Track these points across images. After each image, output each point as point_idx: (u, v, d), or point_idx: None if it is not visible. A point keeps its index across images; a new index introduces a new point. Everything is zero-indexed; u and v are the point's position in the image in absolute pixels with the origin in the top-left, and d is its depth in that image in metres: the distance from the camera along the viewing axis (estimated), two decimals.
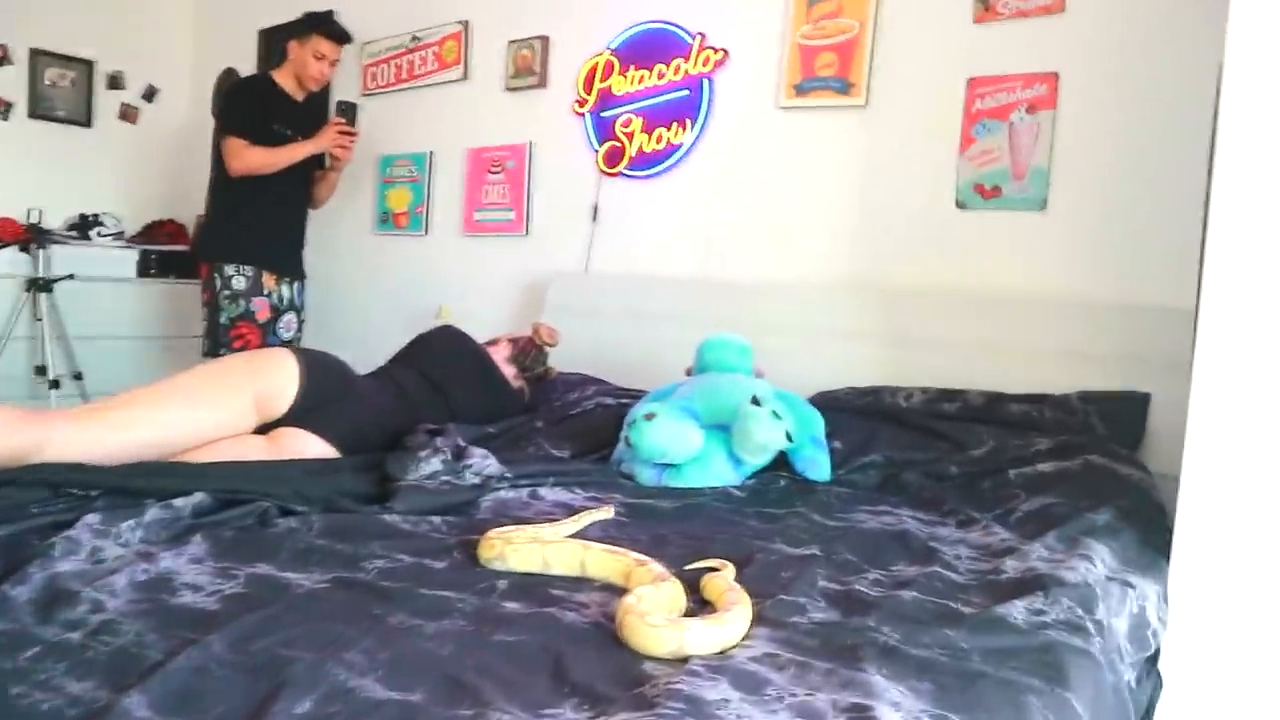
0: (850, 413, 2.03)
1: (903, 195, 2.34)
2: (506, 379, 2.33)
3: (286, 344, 3.26)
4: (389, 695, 0.87)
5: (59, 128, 4.37)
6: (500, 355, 2.43)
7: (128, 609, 1.06)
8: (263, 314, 3.15)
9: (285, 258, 3.28)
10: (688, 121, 2.74)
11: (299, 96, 3.27)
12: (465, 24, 3.37)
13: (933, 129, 2.26)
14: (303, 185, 3.32)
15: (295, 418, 1.81)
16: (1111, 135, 2.04)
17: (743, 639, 1.00)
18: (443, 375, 2.16)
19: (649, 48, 2.83)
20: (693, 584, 1.17)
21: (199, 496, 1.41)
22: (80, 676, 0.90)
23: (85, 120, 4.45)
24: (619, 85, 2.89)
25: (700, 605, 1.13)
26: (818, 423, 1.90)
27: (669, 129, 2.78)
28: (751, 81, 2.61)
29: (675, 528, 1.46)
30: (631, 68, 2.86)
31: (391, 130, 3.69)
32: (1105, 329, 1.98)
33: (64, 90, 4.38)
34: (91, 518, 1.29)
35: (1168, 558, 1.35)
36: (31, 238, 3.92)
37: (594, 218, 3.00)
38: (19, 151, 4.24)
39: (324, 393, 1.86)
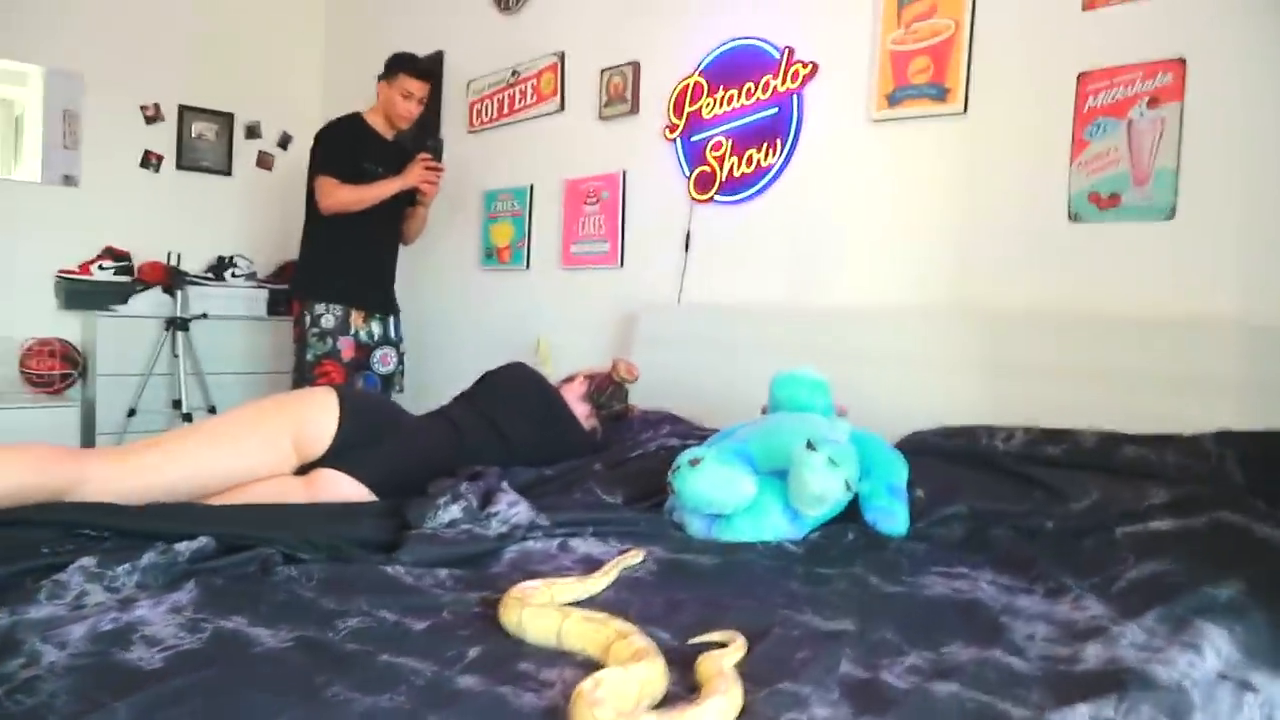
0: (938, 456, 1.79)
1: (1008, 208, 2.08)
2: (574, 418, 2.21)
3: (386, 379, 3.31)
4: None
5: (203, 177, 4.65)
6: (574, 393, 2.31)
7: (65, 664, 0.99)
8: (348, 352, 3.17)
9: (374, 295, 3.31)
10: (778, 142, 2.56)
11: (389, 135, 3.31)
12: (561, 55, 3.33)
13: (1040, 133, 2.00)
14: (393, 222, 3.34)
15: (334, 458, 1.75)
16: (1250, 129, 1.73)
17: None
18: (503, 414, 2.06)
19: (737, 67, 2.68)
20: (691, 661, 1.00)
21: (202, 540, 1.36)
22: None
23: (226, 169, 4.72)
24: (708, 108, 2.75)
25: (691, 690, 0.96)
26: (898, 469, 1.67)
27: (759, 150, 2.61)
28: (842, 94, 2.41)
29: (701, 590, 1.28)
30: (721, 88, 2.72)
31: (495, 165, 3.69)
32: (1250, 355, 1.66)
33: (208, 142, 4.65)
34: (87, 560, 1.25)
35: None
36: (171, 279, 4.15)
37: (686, 246, 2.86)
38: (167, 201, 4.54)
39: (365, 433, 1.79)
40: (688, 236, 2.84)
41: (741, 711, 0.88)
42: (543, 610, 1.12)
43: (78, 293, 4.21)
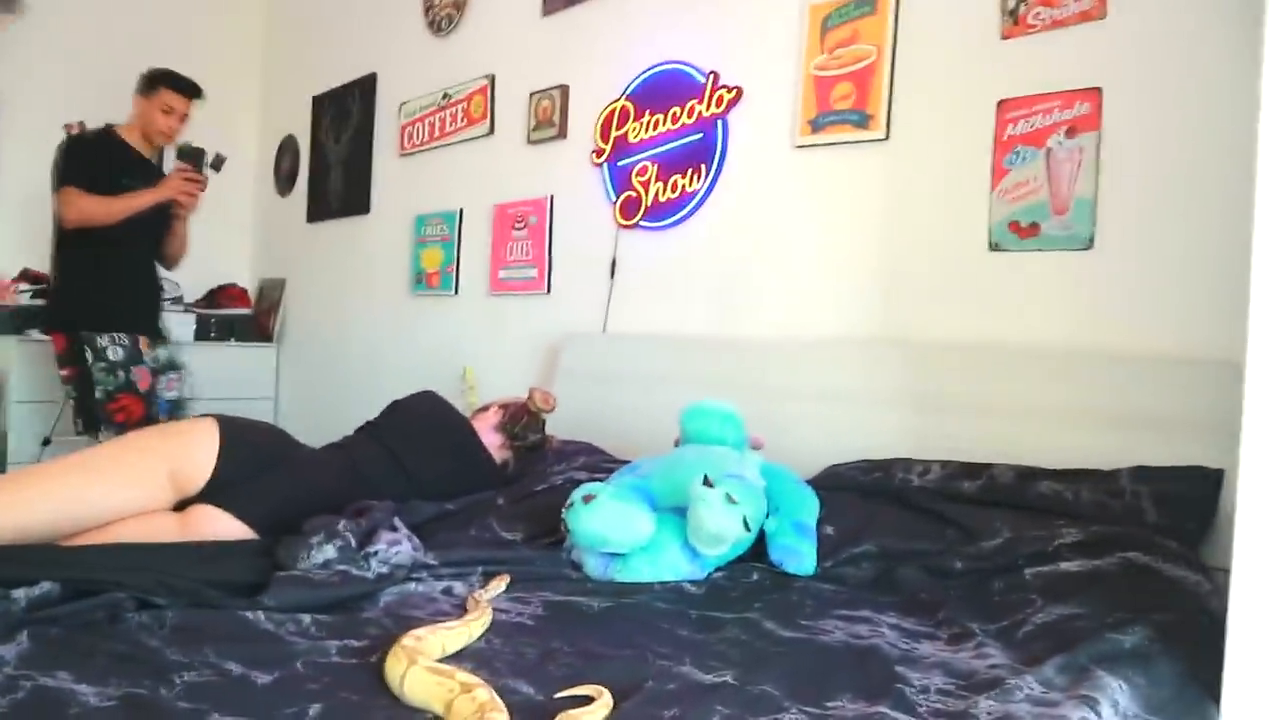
0: (853, 492, 1.73)
1: (928, 236, 2.03)
2: (483, 450, 2.11)
3: (174, 404, 3.13)
4: None
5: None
6: (487, 423, 2.22)
7: None
8: (144, 382, 2.97)
9: (153, 318, 3.14)
10: (702, 167, 2.51)
11: (146, 153, 3.14)
12: (491, 78, 3.27)
13: (961, 160, 1.96)
14: (152, 242, 3.12)
15: (213, 494, 1.64)
16: (1165, 159, 1.70)
17: None
18: (406, 446, 1.96)
19: (663, 91, 2.63)
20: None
21: (45, 586, 1.24)
22: None
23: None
24: (634, 132, 2.70)
25: None
26: (808, 506, 1.61)
27: (684, 175, 2.56)
28: (766, 120, 2.37)
29: (581, 638, 1.19)
30: (647, 113, 2.66)
31: (425, 189, 3.60)
32: (1168, 389, 1.62)
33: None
34: None
35: (1218, 699, 1.00)
36: None
37: (612, 274, 2.79)
38: None
39: (248, 466, 1.68)
40: (613, 263, 2.78)
41: None
42: (397, 660, 1.02)
43: None
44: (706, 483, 1.40)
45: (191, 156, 3.05)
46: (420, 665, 0.98)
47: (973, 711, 0.96)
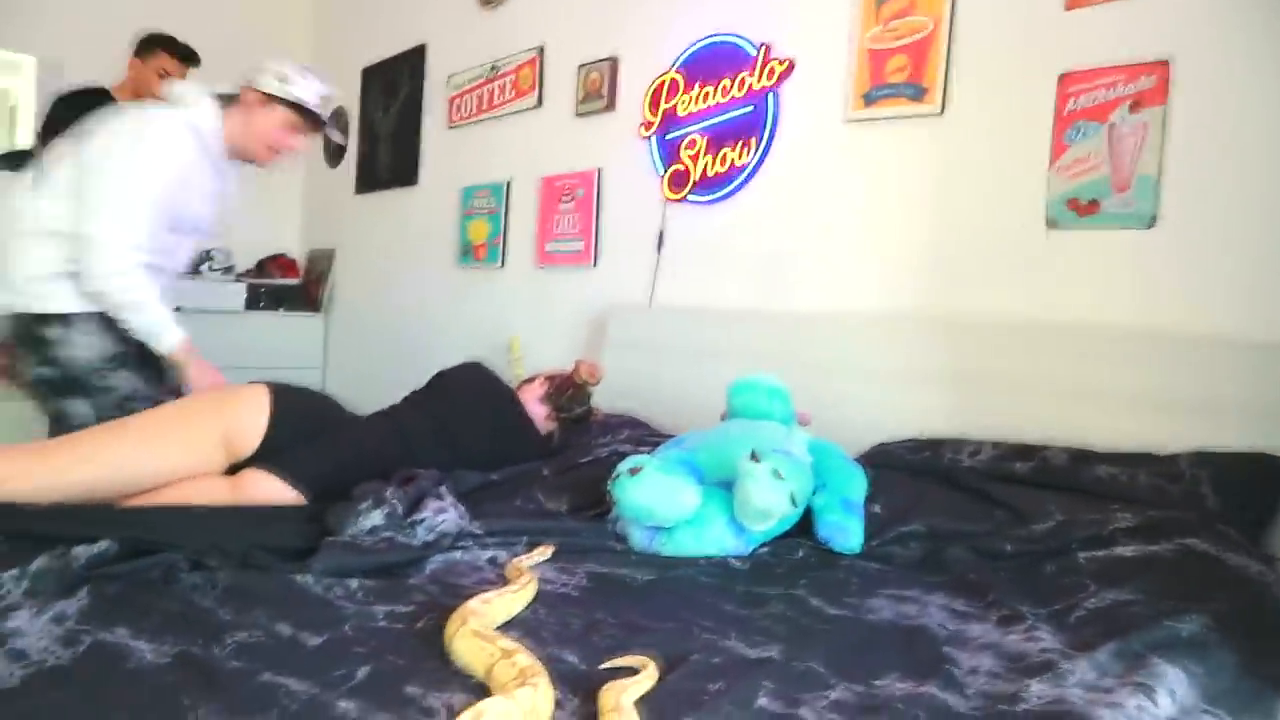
0: (902, 471, 1.70)
1: (983, 213, 1.99)
2: (529, 422, 2.12)
3: None
4: None
5: None
6: (533, 395, 2.22)
7: None
8: None
9: None
10: (752, 141, 2.47)
11: None
12: (540, 49, 3.25)
13: (1018, 135, 1.91)
14: None
15: (263, 458, 1.67)
16: (1236, 134, 1.64)
17: None
18: (453, 416, 1.97)
19: (714, 63, 2.59)
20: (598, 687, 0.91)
21: (104, 544, 1.27)
22: None
23: None
24: (684, 105, 2.66)
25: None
26: (856, 483, 1.59)
27: (734, 149, 2.52)
28: (818, 93, 2.32)
29: (625, 609, 1.20)
30: (697, 85, 2.63)
31: (473, 161, 3.60)
32: (1232, 372, 1.57)
33: None
34: None
35: None
36: None
37: (659, 247, 2.77)
38: None
39: (297, 431, 1.70)
40: (660, 236, 2.76)
41: None
42: (452, 622, 1.04)
43: None
44: (754, 457, 1.39)
45: None
46: (468, 628, 0.99)
47: (1023, 694, 0.94)
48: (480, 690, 0.91)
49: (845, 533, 1.48)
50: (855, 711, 0.90)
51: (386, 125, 4.18)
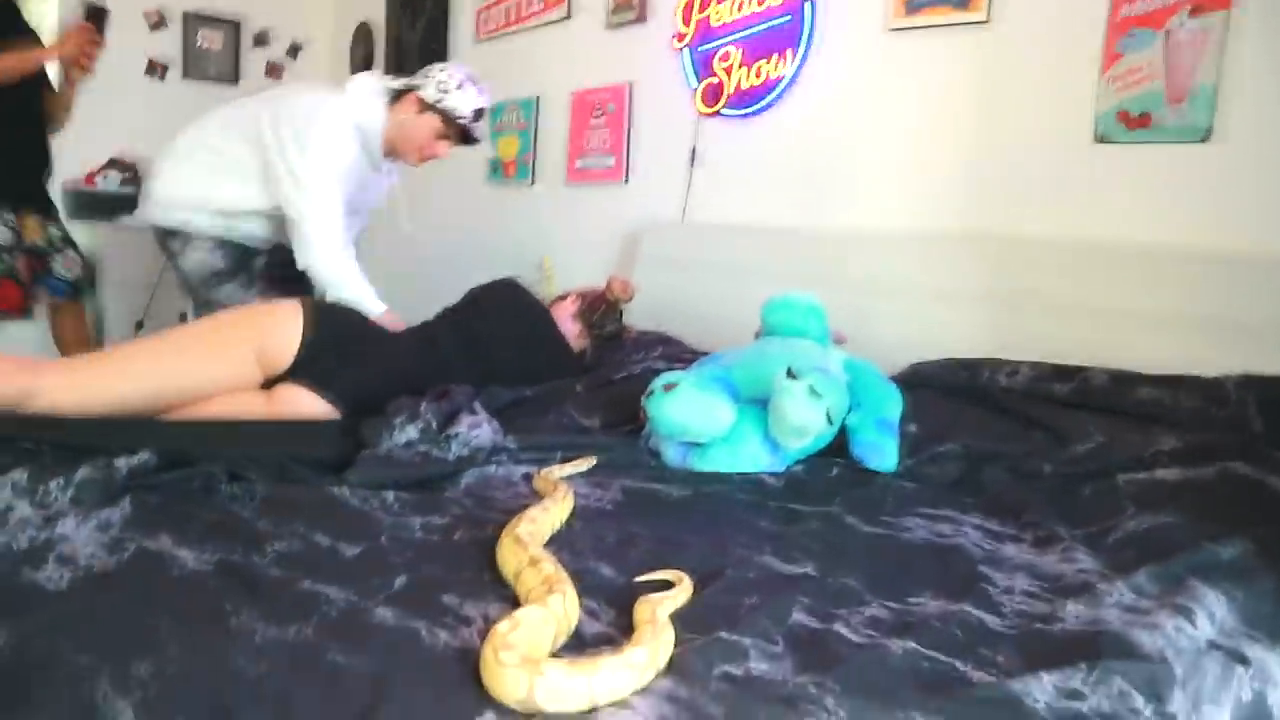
0: (938, 391, 1.68)
1: (1028, 128, 1.92)
2: (562, 339, 2.11)
3: (73, 286, 2.93)
4: None
5: (210, 86, 4.52)
6: (565, 312, 2.21)
7: None
8: (26, 269, 2.77)
9: (43, 191, 2.84)
10: (789, 52, 2.39)
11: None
12: None
13: (1068, 44, 1.83)
14: (35, 104, 2.76)
15: (298, 373, 1.68)
16: None
17: (633, 691, 0.75)
18: (485, 332, 1.97)
19: None
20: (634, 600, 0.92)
21: (144, 455, 1.29)
22: None
23: (233, 78, 4.58)
24: (718, 15, 2.58)
25: (627, 632, 0.88)
26: (891, 402, 1.57)
27: (769, 61, 2.45)
28: (858, 1, 2.23)
29: (660, 525, 1.20)
30: None
31: (502, 76, 3.52)
32: None
33: (214, 50, 4.52)
34: (17, 475, 1.19)
35: None
36: None
37: (692, 162, 2.71)
38: (172, 110, 4.39)
39: (331, 347, 1.71)
40: (694, 152, 2.70)
41: (671, 662, 0.80)
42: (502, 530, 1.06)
43: (83, 203, 4.14)
44: (790, 374, 1.37)
45: (96, 16, 2.65)
46: (508, 535, 1.00)
47: (1059, 614, 0.93)
48: (515, 601, 0.92)
49: (880, 452, 1.47)
50: (890, 628, 0.90)
51: (413, 39, 4.09)
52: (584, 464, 1.40)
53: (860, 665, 0.81)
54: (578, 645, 0.86)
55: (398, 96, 2.27)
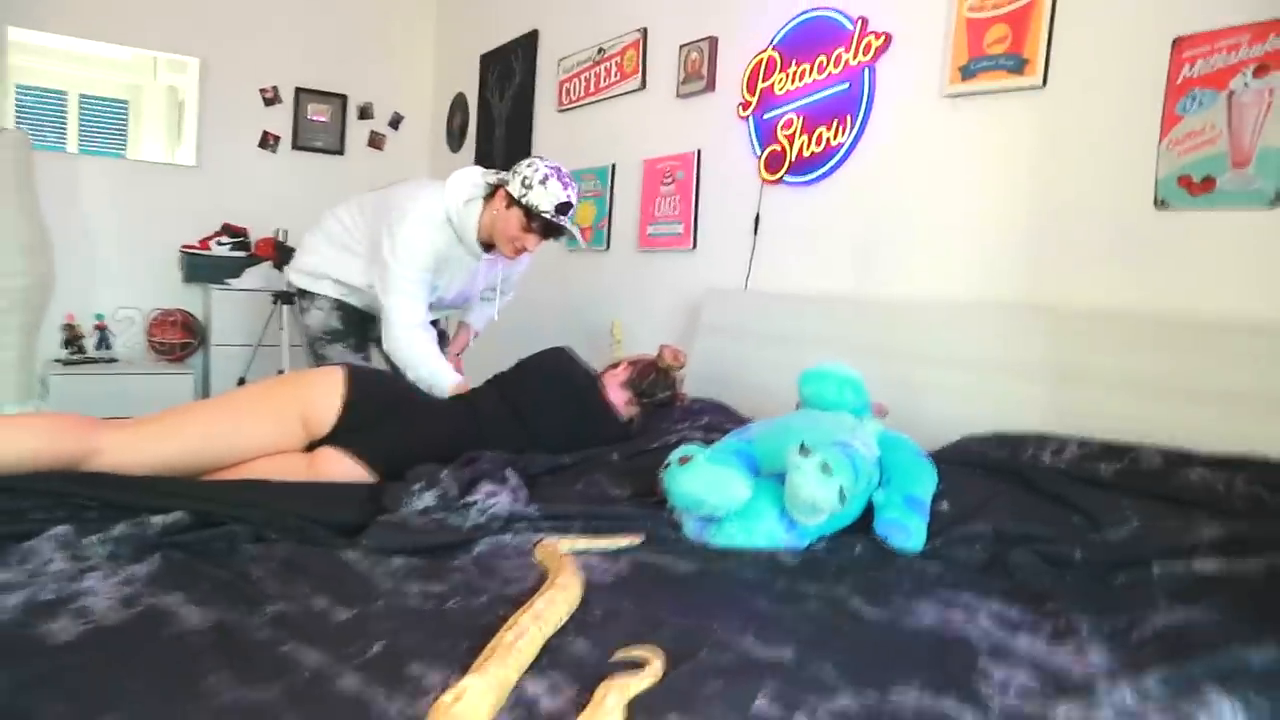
0: (979, 468, 1.61)
1: (1087, 193, 1.85)
2: (608, 408, 2.12)
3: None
4: None
5: (316, 156, 4.81)
6: (615, 380, 2.23)
7: None
8: None
9: None
10: (848, 119, 2.39)
11: None
12: (643, 31, 3.23)
13: (1127, 107, 1.76)
14: None
15: (336, 437, 1.74)
16: None
17: None
18: (529, 401, 2.00)
19: (810, 39, 2.52)
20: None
21: (177, 514, 1.36)
22: None
23: (339, 148, 4.86)
24: (780, 84, 2.60)
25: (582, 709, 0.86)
26: (923, 479, 1.51)
27: (829, 128, 2.44)
28: (915, 67, 2.22)
29: (652, 601, 1.18)
30: (793, 63, 2.56)
31: (580, 145, 3.64)
32: None
33: (322, 123, 4.81)
34: (60, 530, 1.28)
35: None
36: (279, 255, 4.31)
37: (755, 230, 2.72)
38: (282, 179, 4.72)
39: (370, 413, 1.77)
40: (757, 219, 2.70)
41: None
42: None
43: (197, 267, 4.44)
44: (803, 450, 1.34)
45: None
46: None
47: (1047, 716, 0.87)
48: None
49: (904, 530, 1.42)
50: None
51: (502, 110, 4.27)
52: (628, 541, 1.39)
53: None
54: (528, 717, 0.85)
55: (492, 191, 2.38)
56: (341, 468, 1.68)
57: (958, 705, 0.90)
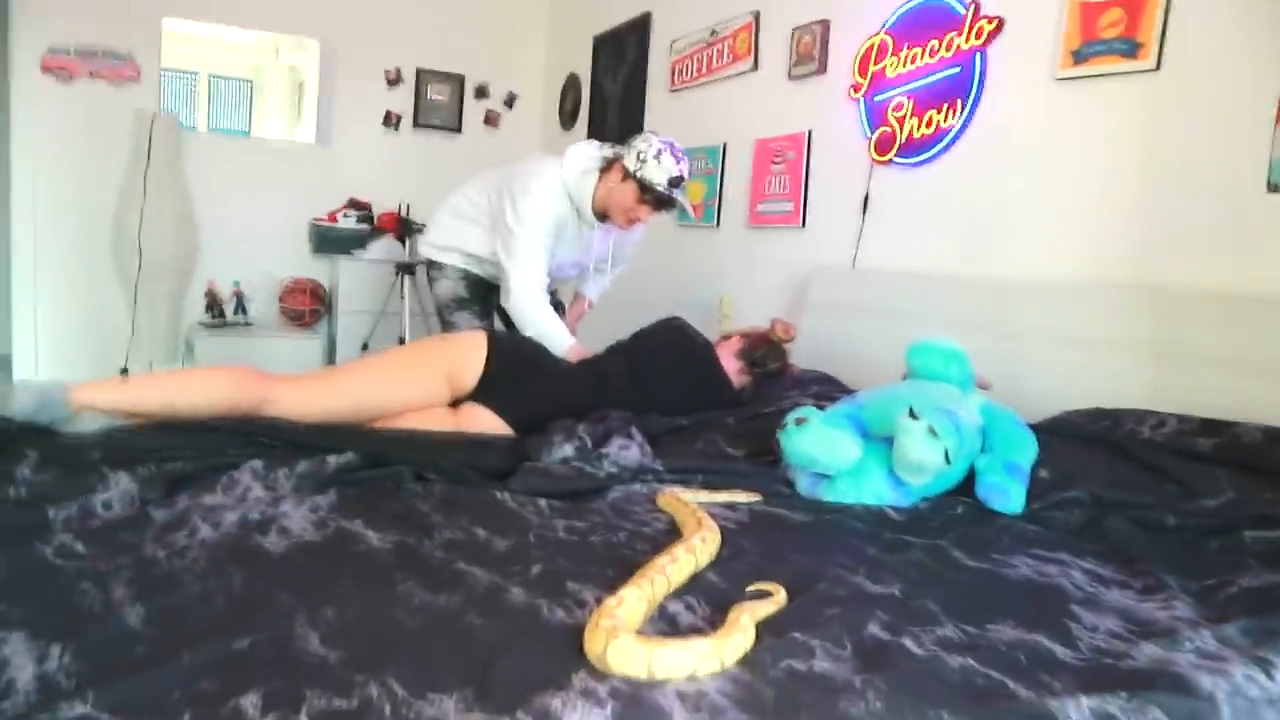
0: (1077, 439, 1.69)
1: (1197, 176, 1.88)
2: (723, 375, 2.26)
3: None
4: (314, 650, 0.91)
5: (435, 134, 5.05)
6: (728, 350, 2.36)
7: (214, 539, 1.21)
8: None
9: None
10: (958, 102, 2.44)
11: None
12: (756, 14, 3.32)
13: (1242, 90, 1.79)
14: None
15: (480, 395, 1.92)
16: None
17: (692, 672, 0.88)
18: (649, 365, 2.15)
19: (922, 23, 2.57)
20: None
21: (349, 456, 1.56)
22: (130, 584, 1.05)
23: (456, 127, 5.09)
24: (892, 67, 2.66)
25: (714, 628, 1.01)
26: (1023, 448, 1.61)
27: (939, 111, 2.50)
28: (1027, 52, 2.26)
29: (774, 543, 1.32)
30: (905, 46, 2.62)
31: (692, 124, 3.75)
32: None
33: (441, 102, 5.04)
34: (256, 463, 1.48)
35: None
36: (402, 228, 4.57)
37: (864, 209, 2.80)
38: (403, 156, 4.98)
39: (510, 373, 1.95)
40: (866, 199, 2.78)
41: (745, 657, 0.92)
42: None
43: (326, 238, 4.74)
44: (912, 414, 1.45)
45: None
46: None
47: (1132, 653, 0.97)
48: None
49: (1004, 494, 1.52)
50: (956, 646, 0.98)
51: (614, 91, 4.41)
52: (746, 497, 1.52)
53: (912, 672, 0.90)
54: (672, 630, 1.00)
55: (609, 164, 2.53)
56: (485, 422, 1.87)
57: (1049, 641, 1.01)
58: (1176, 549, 1.32)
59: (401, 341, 4.51)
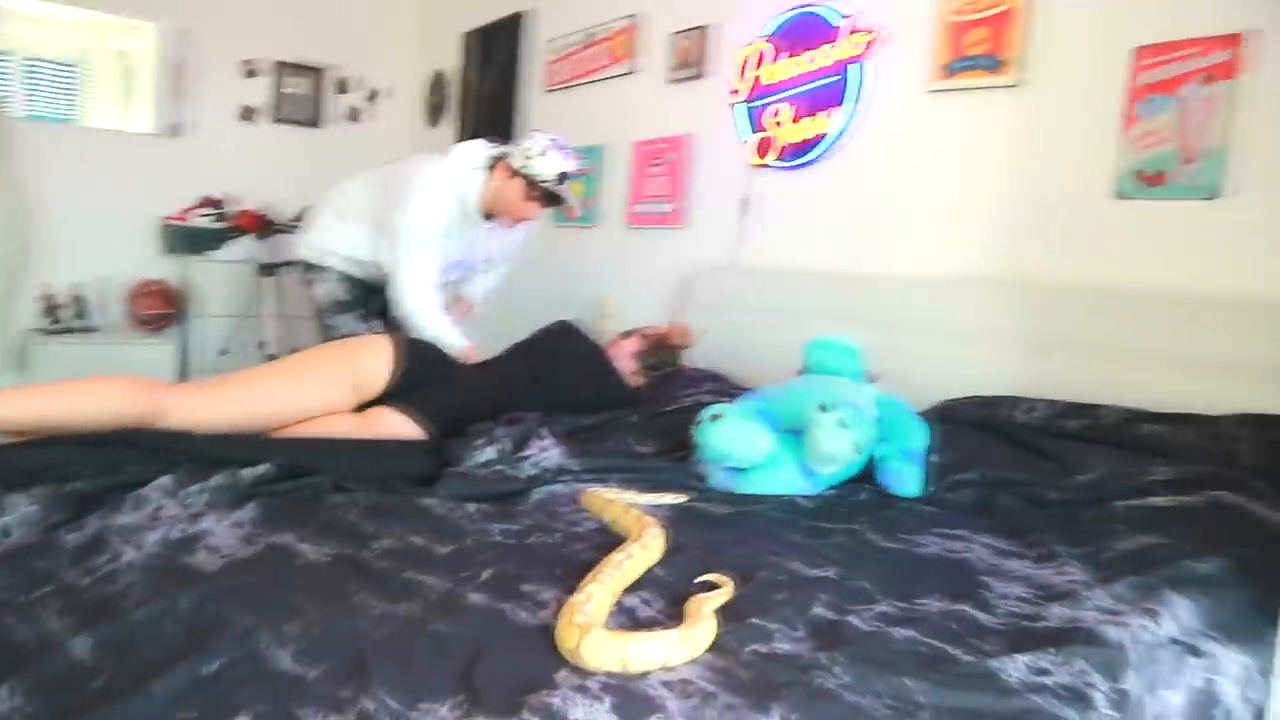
0: (962, 425, 1.84)
1: (1055, 183, 2.08)
2: (618, 373, 2.31)
3: None
4: (288, 669, 0.90)
5: (295, 129, 4.86)
6: (625, 350, 2.42)
7: (141, 562, 1.16)
8: None
9: None
10: (835, 110, 2.59)
11: None
12: (634, 18, 3.39)
13: (1092, 108, 1.99)
14: None
15: (389, 398, 1.90)
16: None
17: (664, 663, 0.92)
18: (548, 368, 2.18)
19: (802, 33, 2.71)
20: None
21: (264, 467, 1.52)
22: (62, 614, 1.00)
23: (315, 122, 4.92)
24: (771, 74, 2.78)
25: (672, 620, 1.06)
26: (917, 435, 1.73)
27: (815, 118, 2.64)
28: (901, 64, 2.42)
29: (705, 536, 1.38)
30: (785, 55, 2.75)
31: (568, 125, 3.76)
32: None
33: (300, 96, 4.86)
34: (165, 480, 1.42)
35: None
36: (261, 227, 4.39)
37: (743, 210, 2.91)
38: (261, 151, 4.77)
39: (418, 376, 1.93)
40: (745, 201, 2.90)
41: (713, 644, 0.98)
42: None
43: (178, 238, 4.48)
44: (822, 409, 1.55)
45: None
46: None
47: (1044, 615, 1.09)
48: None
49: (903, 479, 1.64)
50: (895, 620, 1.07)
51: (485, 88, 4.38)
52: (673, 498, 1.55)
53: (867, 646, 0.98)
54: (632, 624, 1.05)
55: (495, 163, 2.54)
56: (396, 426, 1.85)
57: (973, 609, 1.12)
58: (1059, 520, 1.47)
59: (262, 347, 4.34)
